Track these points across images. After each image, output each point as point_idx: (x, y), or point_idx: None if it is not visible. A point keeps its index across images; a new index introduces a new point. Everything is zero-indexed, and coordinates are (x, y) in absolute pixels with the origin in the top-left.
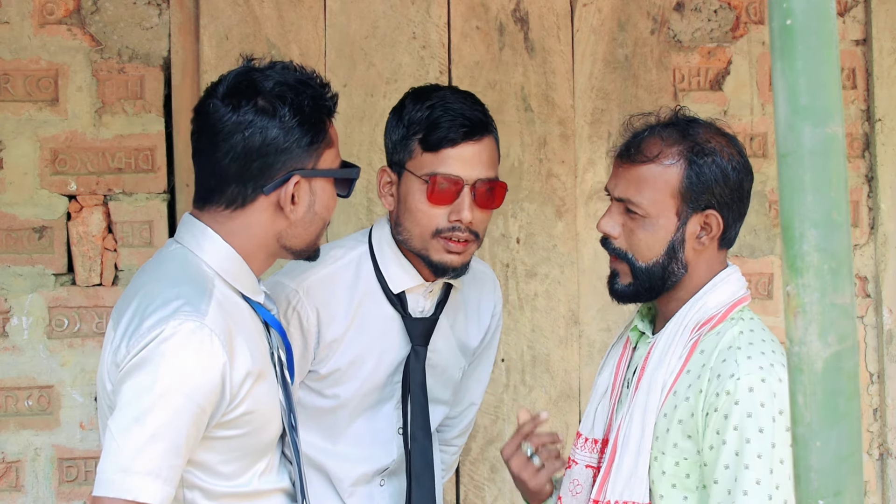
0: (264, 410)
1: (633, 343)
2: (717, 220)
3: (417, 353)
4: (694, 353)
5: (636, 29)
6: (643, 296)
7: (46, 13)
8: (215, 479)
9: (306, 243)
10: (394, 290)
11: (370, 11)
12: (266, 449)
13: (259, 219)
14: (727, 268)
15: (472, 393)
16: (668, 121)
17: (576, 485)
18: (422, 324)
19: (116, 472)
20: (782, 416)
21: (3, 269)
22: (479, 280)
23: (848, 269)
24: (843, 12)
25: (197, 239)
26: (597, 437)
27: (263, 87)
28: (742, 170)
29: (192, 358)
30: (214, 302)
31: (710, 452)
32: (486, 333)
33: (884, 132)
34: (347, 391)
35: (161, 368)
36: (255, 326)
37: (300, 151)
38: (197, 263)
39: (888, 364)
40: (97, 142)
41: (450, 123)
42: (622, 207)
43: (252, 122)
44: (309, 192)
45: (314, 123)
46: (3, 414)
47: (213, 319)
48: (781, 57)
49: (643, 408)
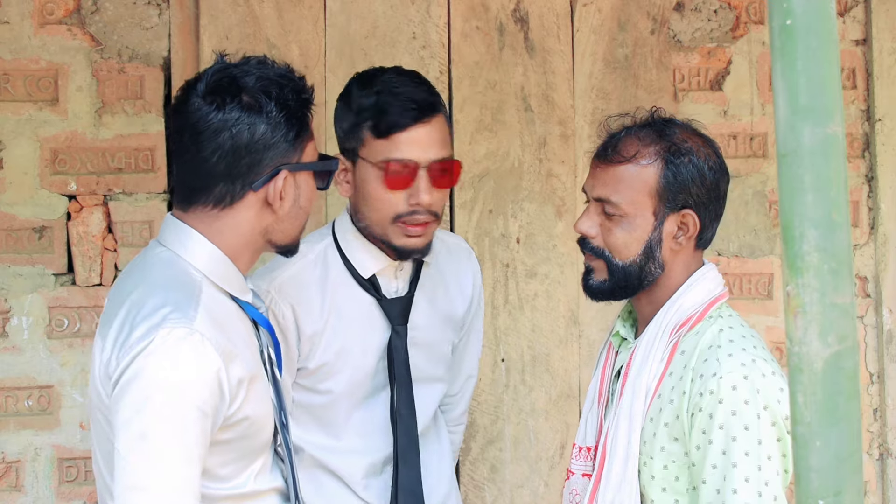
0: (260, 412)
1: (615, 347)
2: (693, 219)
3: (399, 333)
4: (675, 355)
5: (636, 29)
6: (618, 294)
7: (46, 13)
8: (214, 483)
9: (291, 237)
10: (364, 276)
11: (370, 11)
12: (262, 449)
13: (247, 216)
14: (703, 266)
15: (468, 365)
16: (645, 121)
17: (574, 495)
18: (398, 303)
19: (132, 491)
20: (767, 411)
21: (3, 269)
22: (454, 252)
23: (848, 269)
24: (843, 12)
25: (182, 241)
26: (589, 445)
27: (245, 83)
28: (718, 170)
29: (185, 365)
30: (203, 306)
31: (698, 453)
32: (471, 303)
33: (884, 132)
34: (339, 384)
35: (156, 380)
36: (244, 326)
37: (287, 146)
38: (183, 267)
39: (888, 364)
40: (97, 142)
41: (398, 108)
42: (600, 207)
43: (239, 119)
44: (294, 186)
45: (299, 117)
46: (3, 414)
47: (203, 324)
48: (781, 57)
49: (628, 414)
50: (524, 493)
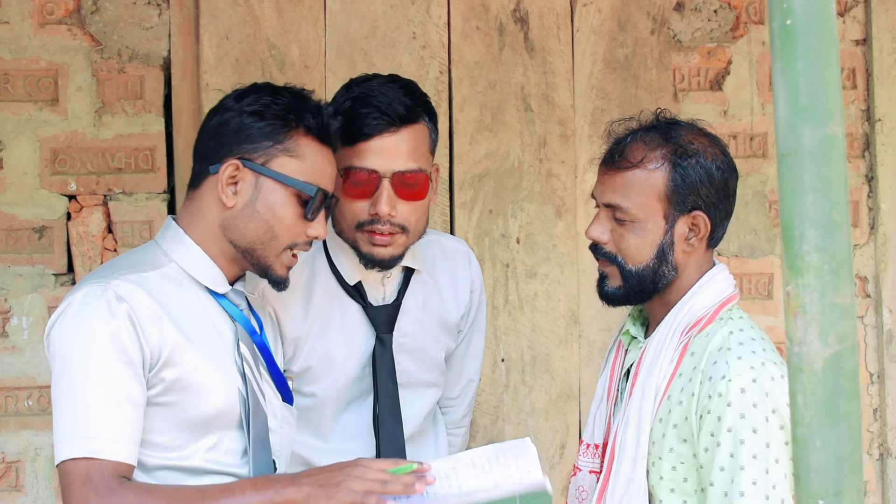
0: (197, 383)
1: (625, 346)
2: (704, 220)
3: (383, 341)
4: (685, 357)
5: (636, 29)
6: (633, 298)
7: (46, 13)
8: (148, 450)
9: (247, 241)
10: (349, 282)
11: (370, 11)
12: (207, 424)
13: (208, 201)
14: (714, 267)
15: (469, 370)
16: (650, 124)
17: (581, 491)
18: (384, 311)
19: (63, 439)
20: (775, 414)
21: (3, 269)
22: (450, 257)
23: (848, 269)
24: (843, 12)
25: (163, 232)
26: (597, 443)
27: (258, 85)
28: (726, 169)
29: (93, 313)
30: (137, 275)
31: (706, 455)
32: (470, 308)
33: (884, 132)
34: (323, 388)
35: (71, 332)
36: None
37: (250, 143)
38: (154, 252)
39: (888, 364)
40: (97, 142)
41: (364, 116)
42: (610, 213)
43: (227, 106)
44: (253, 187)
45: (273, 122)
46: (3, 414)
47: (121, 283)
48: (781, 57)
49: (638, 414)
50: None
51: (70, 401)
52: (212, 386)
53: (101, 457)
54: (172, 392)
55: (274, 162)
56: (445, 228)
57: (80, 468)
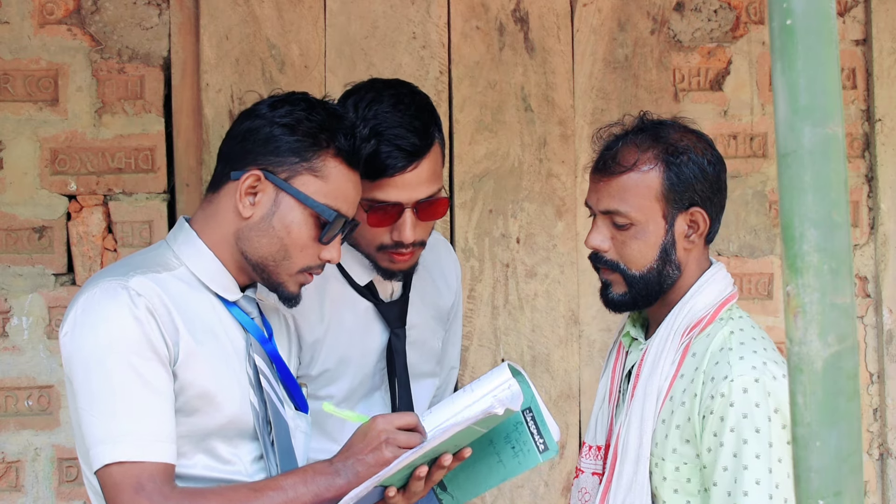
0: (206, 390)
1: (626, 347)
2: (702, 216)
3: (398, 336)
4: (686, 357)
5: (636, 29)
6: (640, 303)
7: (46, 13)
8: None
9: (259, 256)
10: (360, 284)
11: (370, 11)
12: (216, 434)
13: (225, 206)
14: (712, 266)
15: (451, 357)
16: (637, 127)
17: (583, 493)
18: (396, 306)
19: (102, 442)
20: (778, 414)
21: (3, 269)
22: (434, 248)
23: (848, 269)
24: (843, 12)
25: (175, 233)
26: (600, 444)
27: (295, 96)
28: (717, 162)
29: (116, 309)
30: (151, 276)
31: (709, 455)
32: (456, 294)
33: (884, 132)
34: (341, 389)
35: (96, 330)
36: (220, 320)
37: (276, 156)
38: (165, 254)
39: (888, 364)
40: (97, 142)
41: (385, 156)
42: (608, 220)
43: (259, 113)
44: (272, 201)
45: (303, 139)
46: (3, 414)
47: (138, 282)
48: (781, 57)
49: (640, 415)
50: (524, 493)
51: (107, 401)
52: (222, 395)
53: (149, 459)
54: (189, 393)
55: (297, 179)
56: (445, 228)
57: (129, 474)
